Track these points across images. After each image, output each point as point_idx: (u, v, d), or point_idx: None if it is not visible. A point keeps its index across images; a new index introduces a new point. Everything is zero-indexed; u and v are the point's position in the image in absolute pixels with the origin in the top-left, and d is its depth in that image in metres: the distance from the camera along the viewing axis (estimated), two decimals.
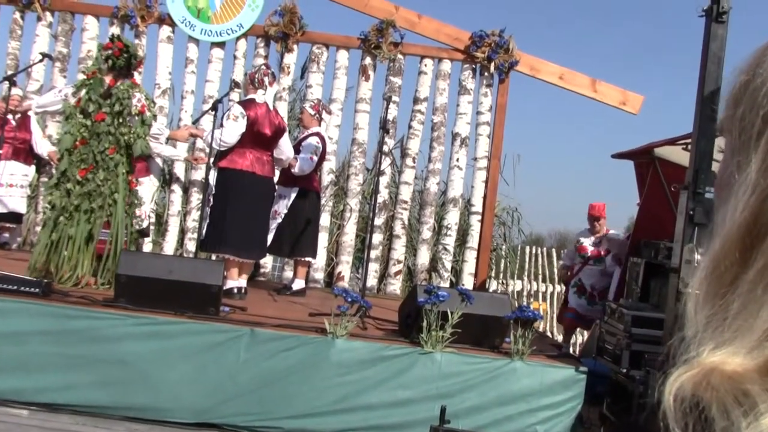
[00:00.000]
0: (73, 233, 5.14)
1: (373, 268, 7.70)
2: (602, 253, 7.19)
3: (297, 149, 6.39)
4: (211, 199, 5.75)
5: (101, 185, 5.22)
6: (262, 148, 5.86)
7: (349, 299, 4.45)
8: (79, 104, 5.29)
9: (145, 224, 7.10)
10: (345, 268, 7.95)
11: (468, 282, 7.89)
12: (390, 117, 6.86)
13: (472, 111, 8.01)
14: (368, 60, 8.00)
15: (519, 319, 4.42)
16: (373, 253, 7.41)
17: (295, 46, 8.01)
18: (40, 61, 6.48)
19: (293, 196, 6.37)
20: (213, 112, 5.63)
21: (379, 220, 7.75)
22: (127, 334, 4.27)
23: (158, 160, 7.35)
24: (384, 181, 7.64)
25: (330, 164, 8.01)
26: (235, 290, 5.67)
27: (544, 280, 10.70)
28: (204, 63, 8.07)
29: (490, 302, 4.68)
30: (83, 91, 5.34)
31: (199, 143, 7.64)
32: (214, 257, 5.94)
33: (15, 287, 4.45)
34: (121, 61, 5.41)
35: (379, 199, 7.16)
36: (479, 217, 7.93)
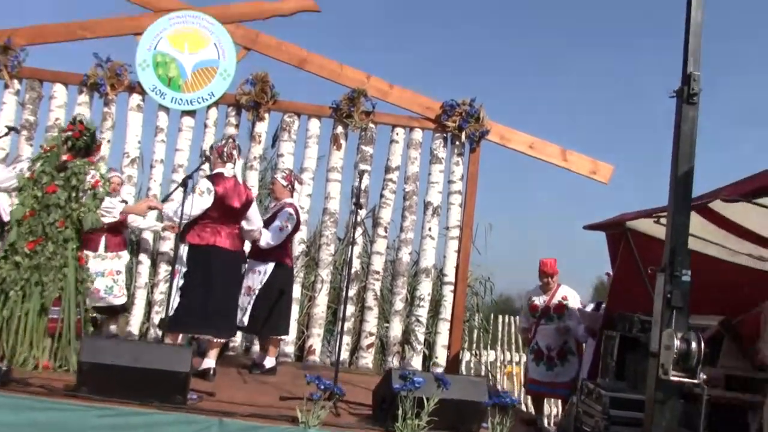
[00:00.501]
0: (25, 309, 4.97)
1: (345, 340, 7.53)
2: (553, 309, 6.87)
3: (271, 221, 6.28)
4: (182, 276, 5.60)
5: (51, 258, 5.09)
6: (232, 221, 5.77)
7: (322, 386, 4.30)
8: (33, 176, 5.21)
9: (122, 300, 6.92)
10: (316, 341, 7.77)
11: (441, 354, 7.76)
12: (363, 187, 6.80)
13: (443, 180, 7.99)
14: (340, 129, 7.99)
15: (497, 404, 4.30)
16: (346, 325, 7.25)
17: (266, 115, 7.98)
18: (6, 134, 6.35)
19: (269, 270, 6.21)
20: (183, 188, 5.52)
21: (351, 291, 7.62)
22: (91, 426, 4.05)
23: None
24: (356, 251, 7.54)
25: (301, 234, 7.88)
26: (212, 372, 5.56)
27: (517, 350, 10.59)
28: (174, 131, 8.00)
29: (466, 386, 4.55)
30: (38, 163, 5.28)
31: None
32: (178, 337, 5.71)
33: None
34: (81, 143, 5.44)
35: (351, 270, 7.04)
36: (452, 288, 7.84)
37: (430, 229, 7.92)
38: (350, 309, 7.71)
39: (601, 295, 9.26)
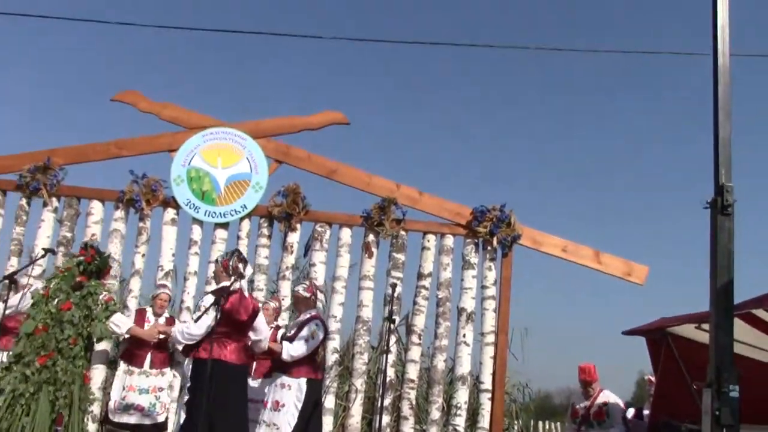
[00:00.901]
0: (28, 422, 4.96)
1: None
2: (593, 416, 6.55)
3: (297, 333, 6.15)
4: (187, 392, 5.57)
5: (61, 374, 5.11)
6: (239, 334, 5.76)
7: None
8: (48, 294, 5.32)
9: (163, 418, 6.89)
10: None
11: None
12: (395, 295, 6.76)
13: (476, 285, 7.96)
14: (371, 237, 8.05)
15: None
16: None
17: (298, 225, 8.07)
18: (43, 256, 6.51)
19: (303, 387, 6.03)
20: (216, 306, 5.54)
21: (386, 401, 7.48)
22: None
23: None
24: (390, 359, 7.44)
25: (334, 343, 7.84)
26: None
27: None
28: (207, 244, 8.10)
29: None
30: (53, 282, 5.39)
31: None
32: None
33: None
34: (92, 267, 5.64)
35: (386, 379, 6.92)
36: (489, 395, 7.68)
37: (464, 336, 7.82)
38: (386, 419, 7.55)
39: (643, 391, 8.99)
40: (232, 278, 5.78)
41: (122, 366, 7.01)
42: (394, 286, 6.31)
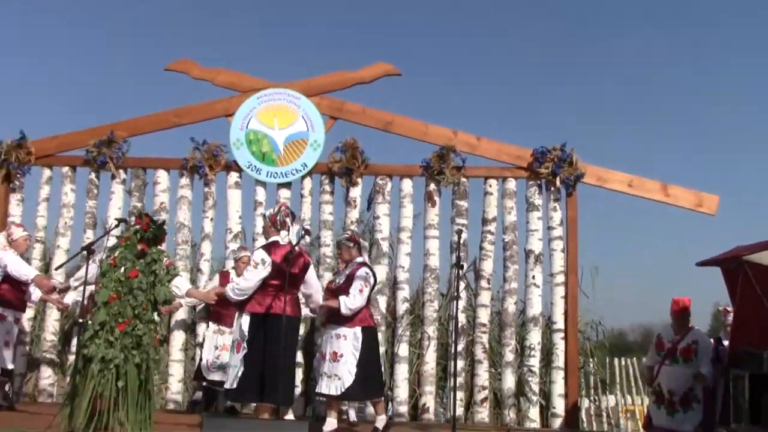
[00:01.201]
0: (121, 385, 5.24)
1: (458, 396, 7.43)
2: (680, 351, 6.26)
3: (347, 285, 6.13)
4: (245, 346, 5.71)
5: (141, 337, 5.40)
6: (293, 287, 5.86)
7: None
8: (114, 263, 5.56)
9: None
10: (429, 398, 7.72)
11: (559, 404, 7.57)
12: (461, 242, 6.74)
13: (542, 227, 7.90)
14: (432, 186, 8.04)
15: None
16: (457, 381, 7.16)
17: (359, 180, 8.11)
18: (116, 227, 6.69)
19: (359, 335, 6.07)
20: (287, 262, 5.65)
21: (459, 346, 7.54)
22: None
23: None
24: (460, 305, 7.47)
25: (404, 293, 7.93)
26: None
27: (638, 392, 10.20)
28: (272, 204, 8.19)
29: None
30: (117, 251, 5.64)
31: None
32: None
33: None
34: (149, 234, 5.77)
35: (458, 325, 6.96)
36: (562, 335, 7.68)
37: (534, 278, 7.80)
38: (460, 363, 7.63)
39: (719, 322, 8.83)
40: (281, 232, 5.90)
41: (212, 326, 7.38)
42: (459, 232, 6.28)
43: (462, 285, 7.72)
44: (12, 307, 6.88)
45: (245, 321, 5.76)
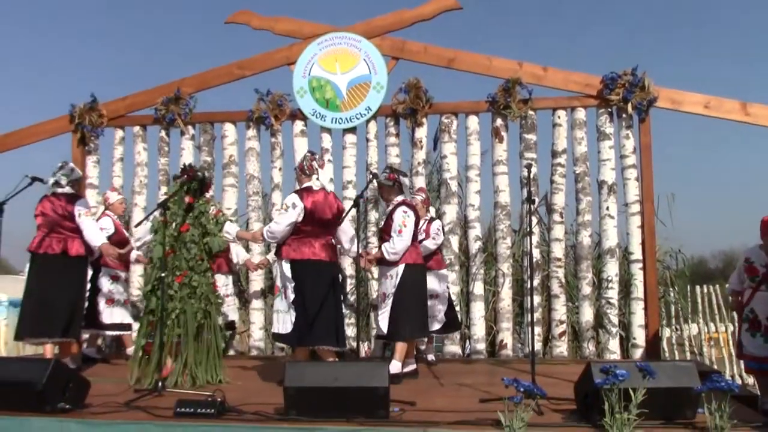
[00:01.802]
0: (182, 332, 5.71)
1: (536, 331, 7.40)
2: None
3: (388, 225, 6.11)
4: (293, 291, 5.78)
5: (197, 287, 5.78)
6: (326, 232, 5.89)
7: (522, 389, 4.24)
8: (165, 220, 5.82)
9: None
10: (506, 335, 7.72)
11: (639, 334, 7.46)
12: (531, 176, 6.63)
13: (615, 156, 7.68)
14: (499, 121, 7.90)
15: (712, 390, 4.04)
16: (534, 316, 7.12)
17: (424, 120, 8.03)
18: (186, 180, 6.89)
19: (400, 272, 5.97)
20: (356, 208, 5.68)
21: (535, 281, 7.49)
22: None
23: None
24: (534, 240, 7.39)
25: (476, 231, 7.89)
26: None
27: (721, 320, 9.96)
28: (339, 150, 8.25)
29: (674, 373, 4.32)
30: (168, 209, 5.91)
31: None
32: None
33: (192, 410, 4.56)
34: (194, 184, 6.05)
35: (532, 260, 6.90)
36: (641, 265, 7.51)
37: (608, 209, 7.62)
38: (536, 299, 7.60)
39: None
40: (312, 177, 5.93)
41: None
42: (529, 167, 6.13)
43: (534, 220, 7.64)
44: (125, 268, 7.50)
45: (286, 267, 5.83)
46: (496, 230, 7.90)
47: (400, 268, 5.97)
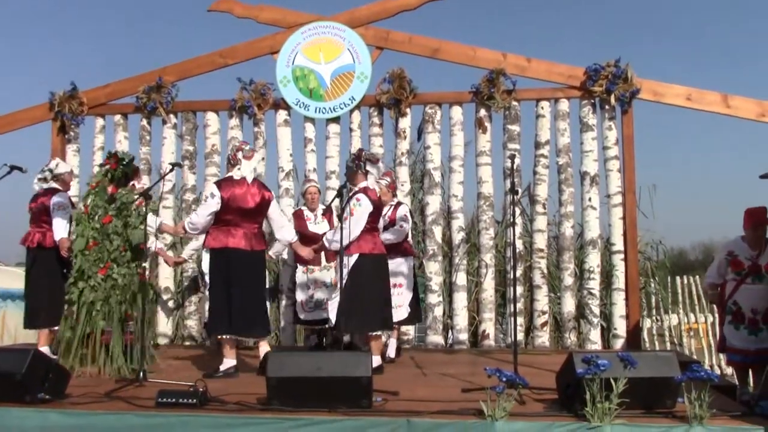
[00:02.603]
0: (103, 326, 5.80)
1: (518, 321, 7.44)
2: (765, 268, 5.83)
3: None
4: (207, 281, 5.85)
5: (120, 279, 5.86)
6: (248, 222, 5.84)
7: (504, 379, 4.26)
8: (87, 211, 5.95)
9: None
10: (488, 325, 7.75)
11: (620, 325, 7.51)
12: (514, 167, 6.64)
13: (598, 147, 7.70)
14: (483, 112, 7.89)
15: (692, 380, 4.08)
16: (516, 306, 7.15)
17: (408, 110, 8.01)
18: (171, 171, 6.82)
19: (352, 263, 5.85)
20: (339, 198, 5.66)
21: (517, 272, 7.50)
22: None
23: None
24: (517, 231, 7.41)
25: (458, 221, 7.90)
26: (232, 370, 5.75)
27: (701, 310, 10.06)
28: (322, 140, 8.22)
29: (655, 363, 4.35)
30: (89, 199, 6.05)
31: None
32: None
33: (174, 400, 4.53)
34: (119, 173, 6.13)
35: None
36: (622, 256, 7.56)
37: (590, 200, 7.65)
38: (519, 290, 7.60)
39: None
40: (234, 168, 5.90)
41: (300, 268, 7.37)
42: (512, 157, 6.12)
43: (517, 211, 7.66)
44: None
45: (207, 256, 5.87)
46: (479, 221, 7.92)
47: (354, 257, 5.83)
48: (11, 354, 4.97)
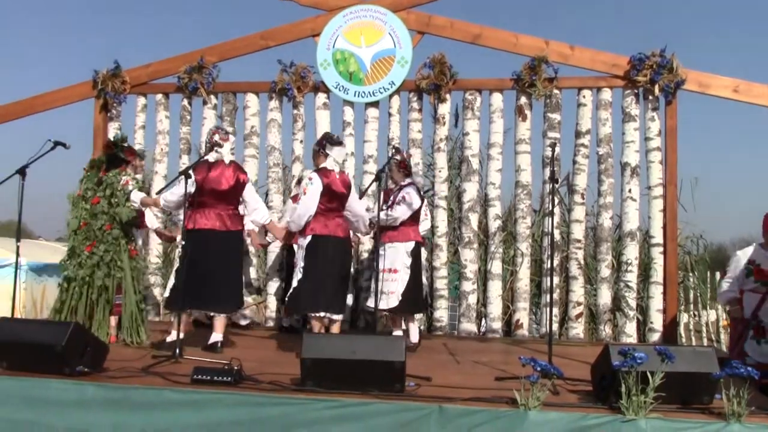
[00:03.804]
0: (93, 300, 6.17)
1: (553, 312, 7.40)
2: None
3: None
4: (178, 258, 6.01)
5: (103, 257, 6.20)
6: (223, 203, 6.03)
7: (538, 368, 4.23)
8: (80, 194, 6.39)
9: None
10: (523, 315, 7.70)
11: (656, 319, 7.42)
12: (554, 155, 6.57)
13: (639, 138, 7.59)
14: (523, 99, 7.81)
15: (731, 376, 4.01)
16: (552, 297, 7.10)
17: (447, 96, 7.97)
18: (209, 151, 6.86)
19: (305, 244, 6.07)
20: (377, 183, 5.65)
21: (554, 262, 7.44)
22: (317, 418, 4.27)
23: None
24: (554, 221, 7.33)
25: (495, 209, 7.85)
26: (219, 344, 5.99)
27: None
28: (361, 124, 8.21)
29: (693, 358, 4.28)
30: (83, 183, 6.43)
31: None
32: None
33: (209, 377, 4.59)
34: (105, 157, 6.52)
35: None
36: (661, 249, 7.45)
37: (630, 191, 7.54)
38: (555, 280, 7.55)
39: None
40: (210, 153, 6.09)
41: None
42: (553, 146, 6.07)
43: (555, 200, 7.58)
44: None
45: (185, 236, 5.99)
46: (516, 209, 7.86)
47: (307, 239, 6.04)
48: (52, 326, 5.07)
